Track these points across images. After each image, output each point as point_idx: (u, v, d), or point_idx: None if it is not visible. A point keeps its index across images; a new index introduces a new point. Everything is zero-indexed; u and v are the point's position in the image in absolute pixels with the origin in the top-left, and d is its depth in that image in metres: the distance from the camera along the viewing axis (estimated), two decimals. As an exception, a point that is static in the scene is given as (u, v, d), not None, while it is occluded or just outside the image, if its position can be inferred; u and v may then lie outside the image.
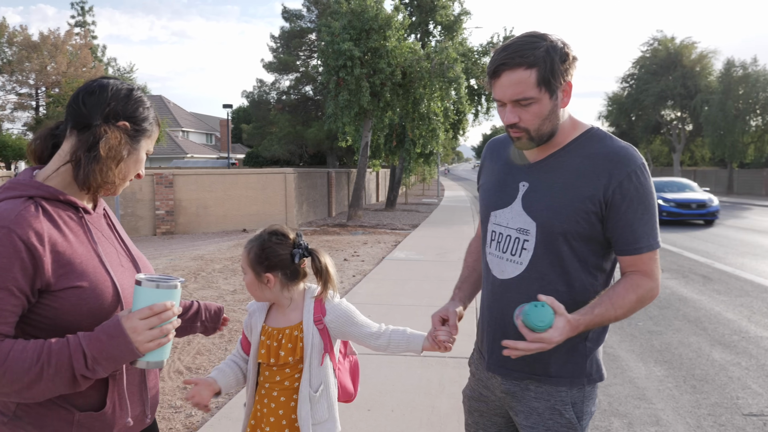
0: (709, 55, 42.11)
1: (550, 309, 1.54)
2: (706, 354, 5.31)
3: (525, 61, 1.57)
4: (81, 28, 44.15)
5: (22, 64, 35.06)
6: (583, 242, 1.68)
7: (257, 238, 1.98)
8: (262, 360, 1.95)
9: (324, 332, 1.95)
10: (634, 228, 1.64)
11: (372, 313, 6.39)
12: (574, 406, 1.74)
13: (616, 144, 1.69)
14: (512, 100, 1.62)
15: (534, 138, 1.67)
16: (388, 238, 13.59)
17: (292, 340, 1.93)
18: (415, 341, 1.97)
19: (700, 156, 48.81)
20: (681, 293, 7.81)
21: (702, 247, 12.18)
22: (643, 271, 1.67)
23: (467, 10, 20.95)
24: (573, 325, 1.58)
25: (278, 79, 30.51)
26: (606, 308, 1.62)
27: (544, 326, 1.53)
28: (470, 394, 1.97)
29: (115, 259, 1.47)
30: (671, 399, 4.30)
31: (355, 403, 3.98)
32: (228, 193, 15.21)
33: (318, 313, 1.94)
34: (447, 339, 1.84)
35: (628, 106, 46.40)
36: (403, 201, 27.82)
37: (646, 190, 1.64)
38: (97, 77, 1.47)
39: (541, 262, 1.70)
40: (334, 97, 15.77)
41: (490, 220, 1.85)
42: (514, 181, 1.79)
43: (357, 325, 1.98)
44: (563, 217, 1.66)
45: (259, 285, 1.93)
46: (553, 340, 1.54)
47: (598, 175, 1.64)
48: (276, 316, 2.01)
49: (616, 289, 1.66)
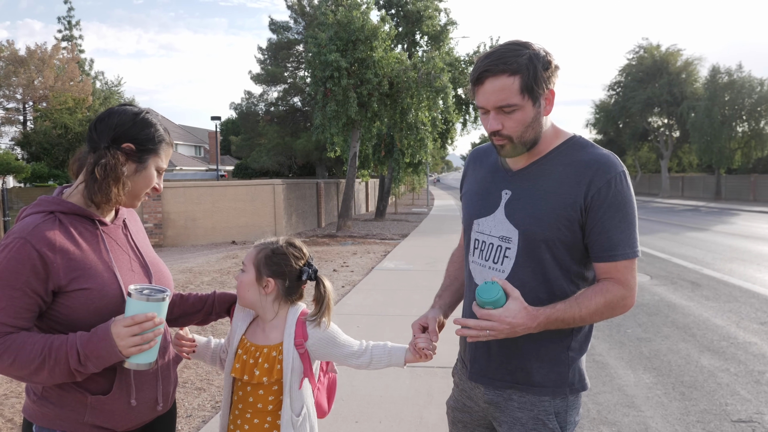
0: (694, 62, 42.59)
1: (500, 288, 1.56)
2: (695, 360, 5.30)
3: (508, 68, 1.58)
4: (68, 42, 43.99)
5: (9, 79, 34.87)
6: (565, 250, 1.67)
7: (272, 242, 1.94)
8: (236, 375, 1.90)
9: (305, 356, 1.90)
10: (610, 235, 1.63)
11: (361, 323, 6.34)
12: (558, 416, 1.72)
13: (598, 152, 1.68)
14: (495, 107, 1.62)
15: (517, 146, 1.66)
16: (377, 248, 13.55)
17: (269, 360, 1.87)
18: (397, 354, 1.93)
19: (687, 162, 49.20)
20: (670, 300, 7.82)
21: (690, 253, 12.23)
22: (616, 279, 1.65)
23: (454, 20, 21.08)
24: (531, 314, 1.57)
25: (266, 90, 30.49)
26: (570, 305, 1.61)
27: (488, 299, 1.55)
28: (454, 405, 1.95)
29: (126, 265, 1.68)
30: (660, 406, 4.28)
31: (343, 415, 3.94)
32: (216, 205, 15.13)
33: (300, 337, 1.89)
34: (426, 346, 1.81)
35: (615, 113, 46.77)
36: (393, 211, 27.80)
37: (624, 198, 1.64)
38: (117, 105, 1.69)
39: (522, 270, 1.69)
40: (321, 107, 15.77)
41: (473, 228, 1.84)
42: (496, 189, 1.79)
43: (339, 346, 1.93)
44: (545, 224, 1.65)
45: (255, 286, 1.89)
46: (504, 319, 1.54)
47: (579, 182, 1.64)
48: (256, 331, 1.96)
49: (585, 291, 1.66)
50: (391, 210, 28.15)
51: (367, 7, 16.26)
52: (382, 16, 16.76)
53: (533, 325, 1.58)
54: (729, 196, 39.38)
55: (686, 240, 14.73)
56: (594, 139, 55.55)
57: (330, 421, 3.83)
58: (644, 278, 9.39)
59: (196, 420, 3.99)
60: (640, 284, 8.89)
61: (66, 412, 1.59)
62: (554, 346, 1.70)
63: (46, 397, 1.60)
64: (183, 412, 4.12)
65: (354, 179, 17.27)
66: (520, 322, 1.55)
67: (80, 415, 1.60)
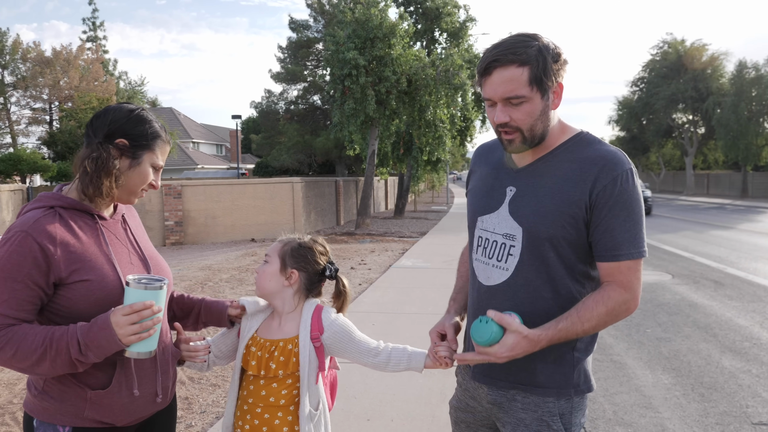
0: (720, 57, 41.79)
1: (495, 325, 1.55)
2: (716, 361, 5.19)
3: (517, 59, 1.54)
4: (93, 43, 44.71)
5: (36, 80, 35.54)
6: (570, 248, 1.63)
7: (298, 237, 1.98)
8: (252, 371, 1.89)
9: (320, 350, 1.90)
10: (614, 234, 1.58)
11: (376, 321, 6.33)
12: (562, 417, 1.69)
13: (605, 148, 1.64)
14: (503, 98, 1.58)
15: (527, 139, 1.62)
16: (395, 245, 13.54)
17: (285, 353, 1.87)
18: (417, 359, 1.91)
19: (713, 159, 48.34)
20: (691, 299, 7.68)
21: (714, 252, 12.01)
22: (619, 282, 1.60)
23: (473, 16, 20.93)
24: (532, 341, 1.56)
25: (286, 89, 30.64)
26: (572, 322, 1.58)
27: (483, 342, 1.56)
28: (457, 405, 1.92)
29: (125, 258, 1.71)
30: (678, 408, 4.20)
31: (355, 413, 3.93)
32: (236, 203, 15.24)
33: (315, 330, 1.88)
34: (447, 354, 1.80)
35: (638, 110, 46.11)
36: (412, 209, 27.76)
37: (630, 196, 1.59)
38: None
39: (527, 268, 1.66)
40: (339, 105, 15.79)
41: (477, 225, 1.81)
42: (501, 186, 1.75)
43: (355, 342, 1.93)
44: (549, 222, 1.61)
45: (278, 277, 1.91)
46: (500, 355, 1.55)
47: (585, 179, 1.60)
48: (269, 326, 1.95)
49: (586, 301, 1.61)
50: (411, 208, 28.11)
51: (386, 4, 16.23)
52: (401, 14, 16.72)
53: (534, 350, 1.57)
54: (756, 194, 38.59)
55: (710, 238, 14.46)
56: (617, 136, 54.62)
57: (342, 418, 3.83)
58: (666, 277, 9.24)
59: (210, 416, 4.02)
60: (661, 283, 8.75)
61: (66, 407, 1.61)
62: (559, 347, 1.66)
63: (47, 392, 1.62)
64: (197, 408, 4.15)
65: (372, 177, 17.26)
66: (519, 352, 1.56)
67: (80, 410, 1.61)
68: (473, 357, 1.59)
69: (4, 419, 4.02)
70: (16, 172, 25.79)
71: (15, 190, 12.50)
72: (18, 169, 25.46)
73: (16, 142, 38.41)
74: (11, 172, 25.45)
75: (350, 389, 4.32)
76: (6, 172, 25.21)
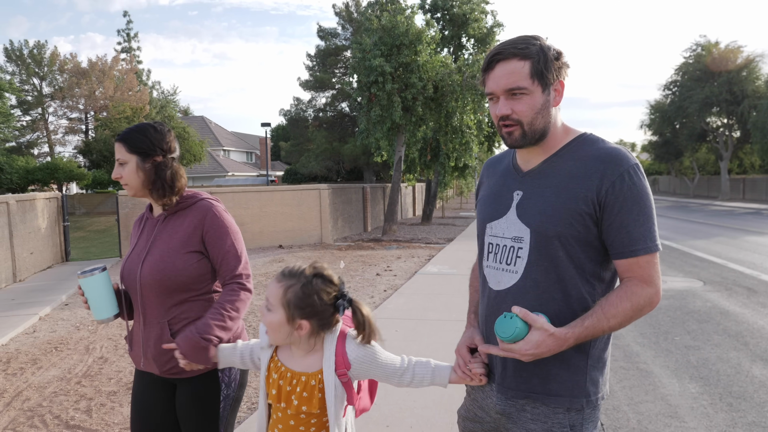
0: (756, 59, 40.76)
1: (519, 321, 1.52)
2: (746, 370, 5.07)
3: (519, 52, 1.60)
4: (127, 54, 45.77)
5: (73, 90, 36.52)
6: (579, 246, 1.63)
7: (298, 276, 1.78)
8: (272, 401, 1.83)
9: (348, 384, 1.80)
10: (629, 230, 1.59)
11: (400, 327, 6.34)
12: (573, 429, 1.66)
13: (608, 146, 1.66)
14: (505, 90, 1.62)
15: (527, 133, 1.64)
16: (422, 252, 13.52)
17: (308, 389, 1.78)
18: (441, 374, 1.84)
19: (749, 163, 47.13)
20: (723, 306, 7.50)
21: (748, 258, 11.71)
22: (640, 277, 1.60)
23: (500, 22, 20.82)
24: (559, 339, 1.53)
25: (315, 96, 30.93)
26: (597, 319, 1.56)
27: (507, 338, 1.53)
28: (465, 415, 1.91)
29: (140, 248, 2.21)
30: (705, 417, 4.11)
31: (374, 420, 3.94)
32: (264, 209, 15.42)
33: (342, 366, 1.78)
34: (482, 372, 1.77)
35: (671, 113, 45.26)
36: (439, 215, 27.69)
37: (640, 191, 1.59)
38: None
39: (535, 269, 1.65)
40: (366, 112, 15.87)
41: (486, 232, 1.81)
42: (508, 191, 1.77)
43: (381, 366, 1.82)
44: (557, 220, 1.62)
45: (287, 328, 1.76)
46: (524, 352, 1.53)
47: (590, 176, 1.61)
48: (290, 354, 1.86)
49: (610, 298, 1.60)
50: (438, 214, 28.04)
51: (412, 12, 16.28)
52: (427, 20, 16.74)
53: (561, 349, 1.55)
54: (795, 199, 37.50)
55: (744, 244, 14.10)
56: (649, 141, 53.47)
57: (361, 424, 3.84)
58: (697, 284, 9.05)
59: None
60: (692, 290, 8.57)
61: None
62: (572, 354, 1.65)
63: None
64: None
65: (399, 183, 17.29)
66: (545, 351, 1.53)
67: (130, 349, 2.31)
68: (497, 351, 1.59)
69: (33, 422, 4.13)
70: (53, 181, 26.53)
71: (50, 198, 12.84)
72: (55, 178, 26.19)
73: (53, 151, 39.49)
74: (48, 181, 26.19)
75: (371, 395, 4.33)
76: (43, 181, 25.96)
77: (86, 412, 4.27)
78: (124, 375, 5.12)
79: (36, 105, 38.96)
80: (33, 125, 39.65)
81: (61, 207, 13.35)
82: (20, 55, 38.40)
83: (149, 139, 2.17)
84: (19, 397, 4.61)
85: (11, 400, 4.55)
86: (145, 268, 2.13)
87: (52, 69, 38.28)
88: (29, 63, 38.40)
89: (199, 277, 2.15)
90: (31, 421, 4.13)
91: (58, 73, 38.38)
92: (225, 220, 2.19)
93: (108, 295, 2.11)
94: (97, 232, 21.33)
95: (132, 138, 2.16)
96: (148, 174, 2.17)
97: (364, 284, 9.41)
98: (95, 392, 4.69)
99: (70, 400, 4.53)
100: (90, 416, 4.20)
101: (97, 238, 19.26)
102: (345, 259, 12.93)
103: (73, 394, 4.65)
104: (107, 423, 4.08)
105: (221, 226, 2.16)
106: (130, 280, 2.18)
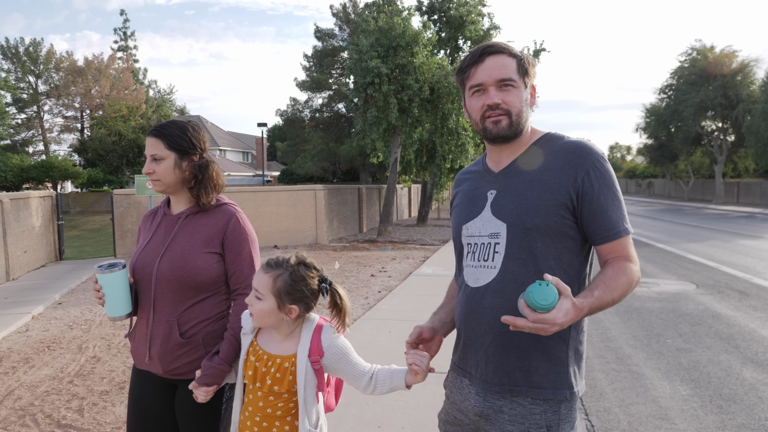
0: (750, 64, 40.93)
1: (555, 289, 1.45)
2: (737, 373, 5.10)
3: (508, 50, 1.74)
4: (123, 53, 45.66)
5: (68, 89, 36.39)
6: (556, 237, 1.68)
7: (284, 266, 1.91)
8: (248, 381, 1.94)
9: (319, 372, 1.91)
10: (608, 214, 1.67)
11: (393, 328, 6.35)
12: (549, 429, 1.68)
13: (574, 140, 1.77)
14: (497, 80, 1.71)
15: (513, 123, 1.73)
16: (417, 253, 13.54)
17: (281, 370, 1.89)
18: (398, 377, 1.92)
19: (743, 167, 47.32)
20: (715, 309, 7.54)
21: (741, 262, 11.77)
22: (625, 256, 1.67)
23: (497, 24, 20.87)
24: (578, 309, 1.51)
25: (311, 97, 30.92)
26: (603, 290, 1.59)
27: (547, 305, 1.44)
28: (445, 418, 1.93)
29: (157, 243, 2.19)
30: (695, 419, 4.13)
31: (366, 420, 3.96)
32: (259, 210, 15.41)
33: (315, 353, 1.90)
34: (413, 360, 1.82)
35: (666, 117, 45.40)
36: (435, 216, 27.72)
37: (612, 178, 1.71)
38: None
39: (513, 262, 1.69)
40: (362, 113, 15.89)
41: (462, 233, 1.87)
42: (482, 192, 1.84)
43: (350, 364, 1.94)
44: (533, 212, 1.68)
45: (276, 314, 1.88)
46: (557, 321, 1.45)
47: (563, 167, 1.69)
48: (268, 338, 1.98)
49: (606, 272, 1.64)
50: (434, 215, 28.06)
51: (409, 13, 16.31)
52: (424, 22, 16.77)
53: (577, 320, 1.52)
54: (789, 203, 37.66)
55: (738, 248, 14.17)
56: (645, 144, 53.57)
57: (353, 424, 3.86)
58: (690, 287, 9.10)
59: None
60: (684, 293, 8.62)
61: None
62: (553, 345, 1.68)
63: None
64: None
65: (395, 184, 17.30)
66: (569, 320, 1.48)
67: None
68: (525, 323, 1.47)
69: (24, 421, 4.13)
70: (48, 179, 26.45)
71: (45, 197, 12.81)
72: (50, 176, 26.12)
73: (49, 150, 39.35)
74: (43, 179, 26.11)
75: (362, 396, 4.35)
76: (38, 179, 25.88)
77: (78, 412, 4.27)
78: (116, 374, 5.12)
79: (31, 103, 38.83)
80: (28, 123, 39.50)
81: (55, 205, 13.32)
82: (16, 52, 38.26)
83: (189, 137, 2.17)
84: (11, 396, 4.60)
85: (2, 399, 4.54)
86: (164, 263, 2.12)
87: (48, 67, 38.16)
88: (25, 61, 38.26)
89: (217, 278, 2.15)
90: (23, 420, 4.12)
91: (54, 71, 38.26)
92: (247, 228, 2.21)
93: (125, 293, 2.10)
94: (91, 231, 21.27)
95: (171, 135, 2.14)
96: (186, 172, 2.17)
97: (359, 285, 9.42)
98: (87, 392, 4.69)
99: (62, 399, 4.53)
100: (82, 415, 4.20)
101: (91, 237, 19.22)
102: (340, 259, 12.93)
103: (65, 394, 4.64)
104: (99, 422, 4.08)
105: (243, 233, 2.18)
106: (144, 273, 2.16)
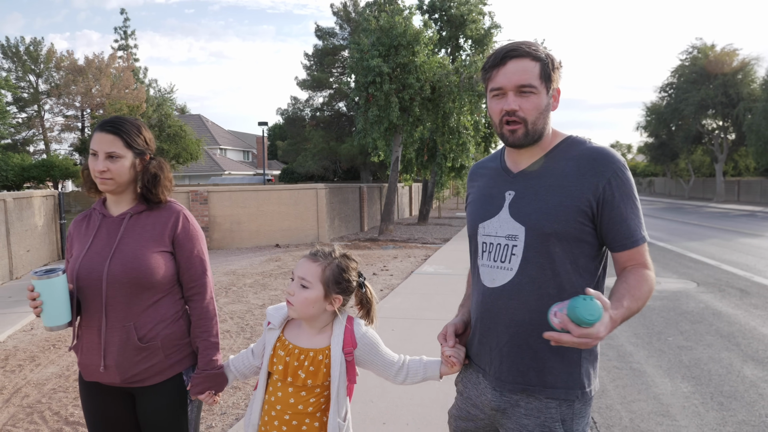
0: (751, 62, 40.90)
1: (598, 303, 1.44)
2: (737, 370, 5.14)
3: (532, 53, 1.69)
4: (124, 52, 45.67)
5: (69, 88, 36.41)
6: (573, 243, 1.70)
7: (330, 256, 1.95)
8: (278, 375, 1.92)
9: (351, 363, 1.94)
10: (629, 222, 1.68)
11: (396, 327, 6.39)
12: (564, 423, 1.72)
13: (596, 146, 1.75)
14: (516, 86, 1.68)
15: (530, 132, 1.71)
16: (418, 252, 13.58)
17: (315, 363, 1.90)
18: (432, 367, 1.96)
19: (744, 166, 47.32)
20: (716, 307, 7.58)
21: (742, 260, 11.80)
22: (642, 264, 1.70)
23: (498, 23, 20.84)
24: (613, 321, 1.53)
25: (312, 96, 30.92)
26: (630, 300, 1.62)
27: (593, 320, 1.42)
28: (457, 414, 1.95)
29: (101, 246, 2.05)
30: (696, 416, 4.17)
31: (371, 417, 4.00)
32: (261, 208, 15.45)
33: (349, 345, 1.92)
34: (452, 354, 1.85)
35: (667, 115, 45.36)
36: (436, 215, 27.75)
37: (632, 186, 1.71)
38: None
39: (530, 266, 1.71)
40: (363, 112, 15.91)
41: (479, 232, 1.87)
42: (499, 192, 1.83)
43: (380, 355, 1.97)
44: (552, 218, 1.68)
45: (321, 303, 1.91)
46: (600, 335, 1.45)
47: (584, 174, 1.69)
48: (298, 333, 1.98)
49: (629, 281, 1.66)
50: (435, 214, 28.10)
51: (410, 12, 16.32)
52: (425, 21, 16.79)
53: (610, 332, 1.53)
54: (789, 201, 37.66)
55: (738, 246, 14.20)
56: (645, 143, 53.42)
57: (358, 421, 3.89)
58: (691, 285, 9.13)
59: (230, 417, 4.12)
60: (685, 291, 8.65)
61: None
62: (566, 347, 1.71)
63: None
64: (218, 409, 4.26)
65: (396, 183, 17.33)
66: (606, 333, 1.49)
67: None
68: (570, 339, 1.45)
69: (32, 418, 4.17)
70: (48, 178, 26.48)
71: (47, 196, 12.84)
72: (51, 175, 26.13)
73: (49, 149, 39.39)
74: (44, 178, 26.13)
75: (367, 393, 4.39)
76: (39, 178, 25.90)
77: (85, 409, 4.31)
78: (122, 372, 5.15)
79: (32, 102, 38.85)
80: (29, 122, 39.53)
81: (57, 205, 13.35)
82: (16, 51, 38.28)
83: (144, 137, 2.12)
84: (18, 394, 4.64)
85: (10, 397, 4.58)
86: (115, 265, 2.01)
87: (49, 66, 38.18)
88: (25, 60, 38.29)
89: (171, 277, 2.10)
90: (31, 417, 4.16)
91: (54, 71, 38.27)
92: (195, 225, 2.19)
93: (65, 300, 1.95)
94: (93, 230, 21.27)
95: (129, 133, 2.07)
96: (140, 171, 2.12)
97: (361, 284, 9.44)
98: (94, 389, 4.73)
99: (69, 396, 4.57)
100: (89, 412, 4.24)
101: (93, 236, 19.23)
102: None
103: (71, 391, 4.68)
104: (106, 419, 4.12)
105: (192, 230, 2.16)
106: (91, 278, 2.02)
